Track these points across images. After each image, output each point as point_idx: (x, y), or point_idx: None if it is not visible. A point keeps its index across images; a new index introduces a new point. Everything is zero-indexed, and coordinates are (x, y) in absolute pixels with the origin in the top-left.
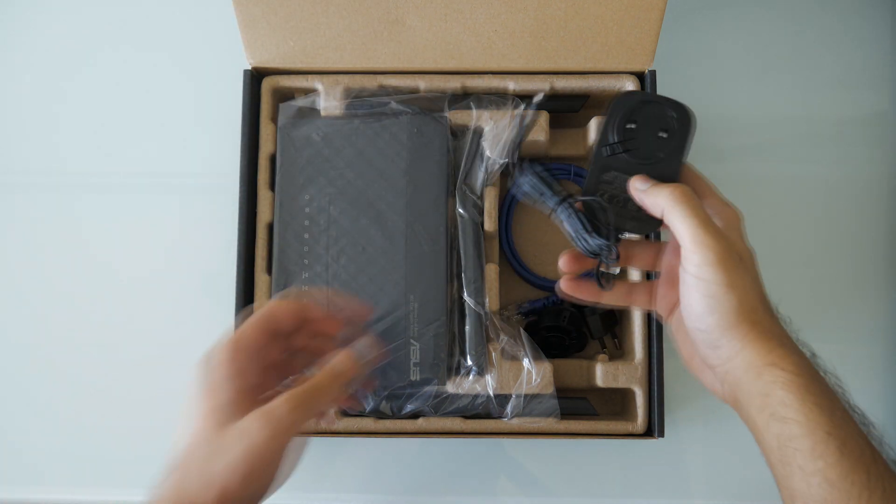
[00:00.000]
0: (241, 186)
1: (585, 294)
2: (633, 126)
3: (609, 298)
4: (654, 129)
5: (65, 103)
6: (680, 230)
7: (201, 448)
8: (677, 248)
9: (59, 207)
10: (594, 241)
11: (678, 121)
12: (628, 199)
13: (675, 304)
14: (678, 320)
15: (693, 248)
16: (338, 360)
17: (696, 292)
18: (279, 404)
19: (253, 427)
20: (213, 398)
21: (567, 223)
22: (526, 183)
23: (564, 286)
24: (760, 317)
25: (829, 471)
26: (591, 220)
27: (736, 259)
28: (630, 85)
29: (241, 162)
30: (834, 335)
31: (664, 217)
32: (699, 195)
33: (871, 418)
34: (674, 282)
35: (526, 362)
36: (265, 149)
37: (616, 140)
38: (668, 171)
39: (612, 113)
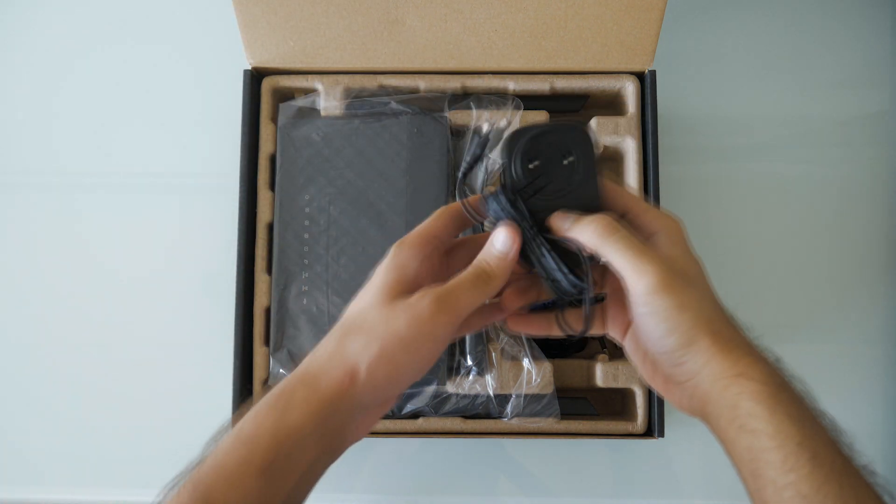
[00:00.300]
0: (241, 186)
1: (535, 329)
2: (535, 164)
3: (558, 329)
4: (557, 159)
5: (65, 103)
6: (617, 264)
7: (372, 313)
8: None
9: (59, 207)
10: (572, 281)
11: (576, 142)
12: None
13: (627, 325)
14: (633, 340)
15: (635, 280)
16: (478, 258)
17: (650, 319)
18: (451, 287)
19: (423, 302)
20: (395, 273)
21: (541, 260)
22: (492, 209)
23: (512, 324)
24: (719, 327)
25: (801, 483)
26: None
27: (681, 278)
28: (630, 85)
29: (241, 162)
30: (834, 335)
31: (598, 253)
32: (631, 212)
33: (840, 423)
34: (621, 303)
35: (526, 362)
36: (265, 149)
37: (525, 184)
38: (587, 196)
39: (510, 157)
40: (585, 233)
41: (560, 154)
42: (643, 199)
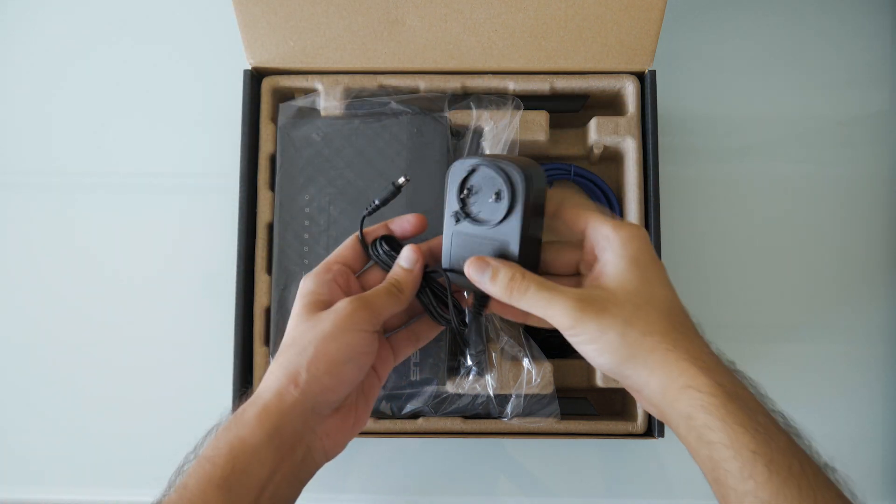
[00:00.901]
0: (241, 186)
1: (510, 314)
2: (468, 190)
3: (532, 320)
4: (487, 194)
5: (65, 103)
6: (534, 312)
7: (299, 329)
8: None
9: (58, 207)
10: (437, 317)
11: (507, 185)
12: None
13: None
14: None
15: (553, 321)
16: (390, 273)
17: (580, 347)
18: (367, 294)
19: (342, 304)
20: (308, 297)
21: (420, 297)
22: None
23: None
24: (658, 339)
25: (759, 490)
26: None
27: (596, 303)
28: (630, 85)
29: (241, 162)
30: (834, 335)
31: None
32: (586, 232)
33: (797, 424)
34: None
35: (526, 362)
36: (265, 149)
37: (458, 207)
38: (507, 237)
39: (450, 179)
40: (494, 290)
41: (492, 190)
42: (600, 213)
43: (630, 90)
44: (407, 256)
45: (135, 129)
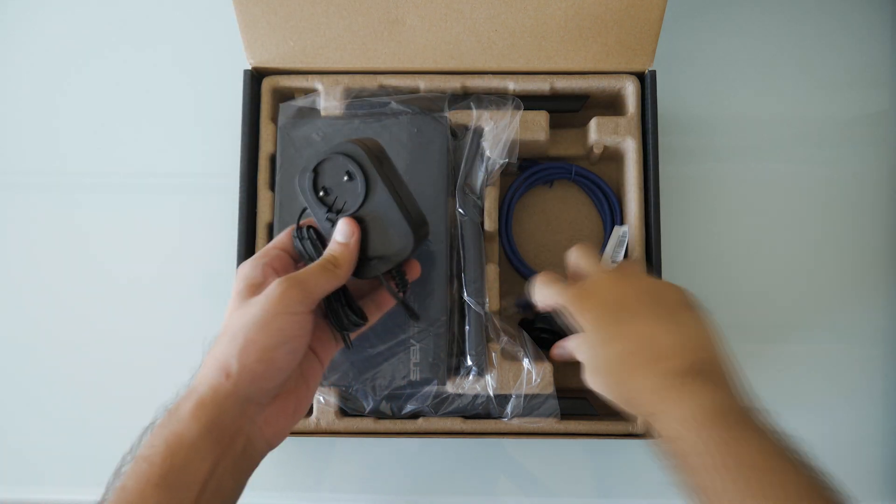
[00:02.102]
0: (241, 186)
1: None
2: (324, 190)
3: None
4: (339, 180)
5: (65, 103)
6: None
7: (230, 318)
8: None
9: (58, 207)
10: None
11: (351, 160)
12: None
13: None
14: None
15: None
16: (327, 249)
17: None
18: (300, 272)
19: (272, 286)
20: (241, 283)
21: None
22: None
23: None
24: (631, 393)
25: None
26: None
27: (595, 367)
28: (630, 85)
29: (241, 162)
30: (834, 335)
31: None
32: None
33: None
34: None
35: (526, 362)
36: (265, 149)
37: (325, 213)
38: (384, 203)
39: (302, 192)
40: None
41: (340, 174)
42: (592, 265)
43: (630, 90)
44: (342, 230)
45: (135, 129)
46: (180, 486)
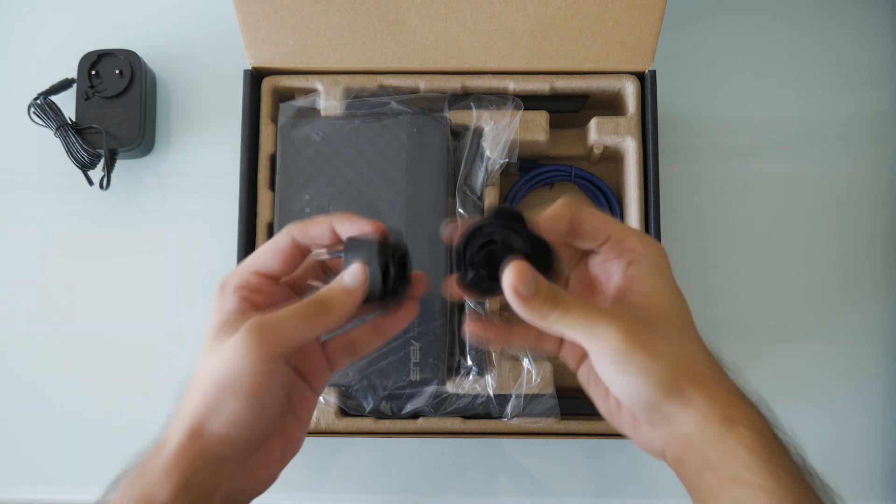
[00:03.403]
0: (241, 186)
1: (495, 333)
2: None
3: (519, 339)
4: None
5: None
6: (571, 337)
7: (202, 360)
8: (579, 289)
9: (59, 207)
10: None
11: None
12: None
13: (583, 356)
14: (589, 372)
15: (595, 346)
16: (324, 289)
17: (620, 376)
18: (276, 315)
19: (237, 334)
20: (218, 317)
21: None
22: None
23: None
24: (703, 371)
25: None
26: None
27: (651, 328)
28: (630, 85)
29: (241, 162)
30: (834, 335)
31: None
32: (613, 238)
33: (824, 478)
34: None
35: (526, 362)
36: (265, 149)
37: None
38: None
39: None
40: (528, 317)
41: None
42: (622, 224)
43: (630, 90)
44: (353, 275)
45: None
46: None
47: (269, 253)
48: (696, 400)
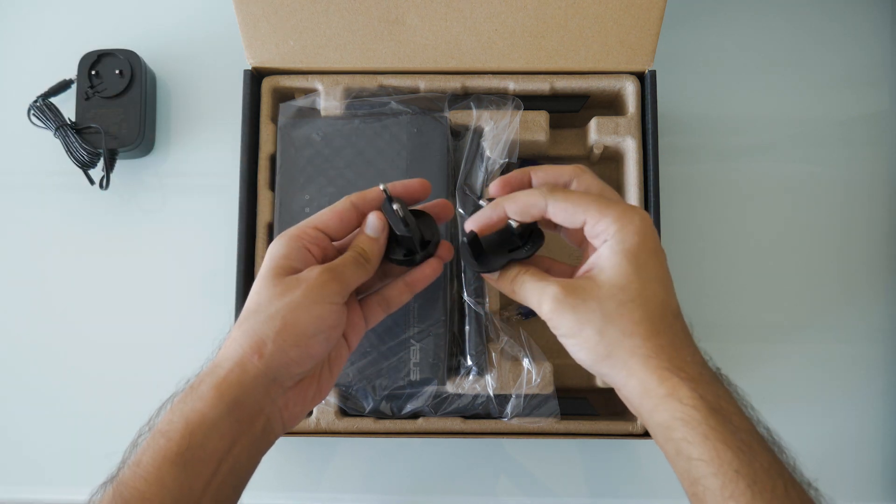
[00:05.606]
0: (241, 186)
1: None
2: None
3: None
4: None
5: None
6: (528, 301)
7: (264, 294)
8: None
9: (58, 207)
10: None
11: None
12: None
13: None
14: None
15: (539, 309)
16: (355, 241)
17: (561, 339)
18: (336, 263)
19: (313, 273)
20: (275, 261)
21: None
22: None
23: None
24: (640, 341)
25: None
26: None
27: (578, 295)
28: (630, 85)
29: (241, 162)
30: (834, 335)
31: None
32: (587, 223)
33: (781, 439)
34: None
35: (526, 362)
36: (265, 149)
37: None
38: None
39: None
40: (503, 283)
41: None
42: (601, 202)
43: (630, 90)
44: (373, 225)
45: None
46: (196, 464)
47: (328, 213)
48: (629, 368)
